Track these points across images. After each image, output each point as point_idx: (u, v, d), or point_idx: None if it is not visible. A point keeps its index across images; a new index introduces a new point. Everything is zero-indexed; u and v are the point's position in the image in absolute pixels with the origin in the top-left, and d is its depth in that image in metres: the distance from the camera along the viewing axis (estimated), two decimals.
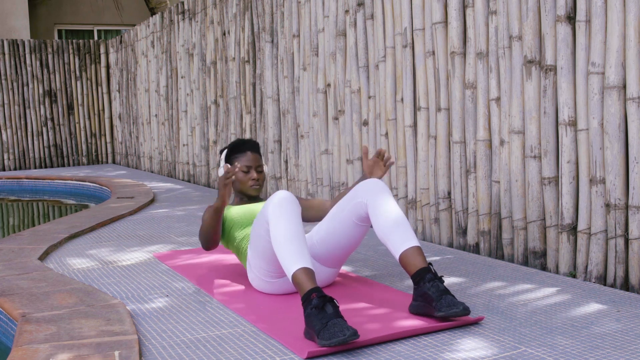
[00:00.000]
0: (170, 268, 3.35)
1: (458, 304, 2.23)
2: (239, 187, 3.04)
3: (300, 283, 2.24)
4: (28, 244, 3.92)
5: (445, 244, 3.76)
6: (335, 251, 2.72)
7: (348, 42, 4.47)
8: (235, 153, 3.04)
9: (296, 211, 2.44)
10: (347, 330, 2.02)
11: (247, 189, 3.02)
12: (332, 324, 2.05)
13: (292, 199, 2.48)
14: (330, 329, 2.04)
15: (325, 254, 2.73)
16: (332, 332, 2.03)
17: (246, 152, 3.03)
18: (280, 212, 2.42)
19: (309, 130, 5.03)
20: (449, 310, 2.22)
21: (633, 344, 2.07)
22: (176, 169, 8.07)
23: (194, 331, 2.34)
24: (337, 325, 2.04)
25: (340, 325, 2.04)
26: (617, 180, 2.78)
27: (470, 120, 3.52)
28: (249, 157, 3.02)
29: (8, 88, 10.06)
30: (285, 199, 2.47)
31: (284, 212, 2.42)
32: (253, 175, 3.01)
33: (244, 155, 3.02)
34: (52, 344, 2.14)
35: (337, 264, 2.80)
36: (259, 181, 3.03)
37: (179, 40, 7.65)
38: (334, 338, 2.01)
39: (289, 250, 2.32)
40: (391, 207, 2.52)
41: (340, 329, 2.02)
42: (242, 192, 3.05)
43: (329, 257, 2.74)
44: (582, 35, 2.89)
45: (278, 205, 2.44)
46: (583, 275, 2.94)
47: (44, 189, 8.28)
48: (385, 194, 2.55)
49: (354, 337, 2.02)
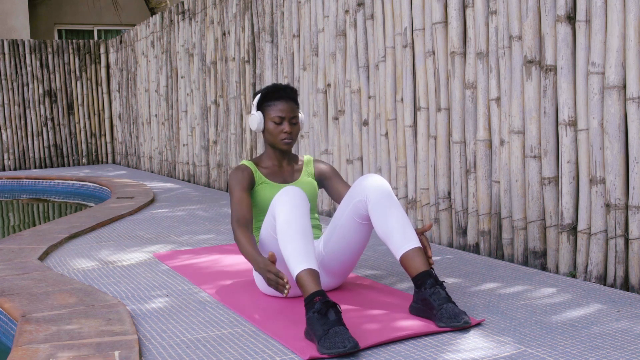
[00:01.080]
0: (170, 268, 3.35)
1: (459, 317, 2.22)
2: (270, 139, 2.78)
3: (304, 284, 2.22)
4: (28, 244, 3.92)
5: (445, 244, 3.76)
6: (345, 260, 2.64)
7: (348, 42, 4.47)
8: (269, 100, 2.76)
9: (305, 208, 2.39)
10: (347, 342, 2.01)
11: (277, 143, 2.76)
12: (334, 332, 2.04)
13: (301, 195, 2.41)
14: (331, 337, 2.03)
15: (335, 265, 2.66)
16: (333, 341, 2.02)
17: (280, 101, 2.74)
18: (288, 209, 2.37)
19: (309, 130, 5.03)
20: (450, 323, 2.22)
21: (633, 344, 2.07)
22: (176, 169, 8.07)
23: (194, 331, 2.33)
24: (339, 334, 2.03)
25: (342, 335, 2.03)
26: (617, 180, 2.78)
27: (470, 120, 3.52)
28: (283, 107, 2.73)
29: (8, 88, 10.06)
30: (294, 195, 2.40)
31: (291, 209, 2.37)
32: (285, 128, 2.73)
33: (277, 104, 2.74)
34: (52, 344, 2.14)
35: (346, 273, 2.74)
36: (292, 135, 2.75)
37: (179, 40, 7.65)
38: (334, 349, 2.00)
39: (294, 249, 2.29)
40: (392, 204, 2.46)
41: (342, 340, 2.01)
42: (272, 145, 2.79)
43: (339, 268, 2.67)
44: (582, 35, 2.89)
45: (286, 201, 2.39)
46: (583, 275, 2.94)
47: (44, 189, 8.28)
48: (385, 191, 2.48)
49: (355, 349, 2.01)
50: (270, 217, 2.47)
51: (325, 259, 2.64)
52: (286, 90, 2.76)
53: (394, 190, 4.13)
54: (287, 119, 2.73)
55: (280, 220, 2.37)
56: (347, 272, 2.74)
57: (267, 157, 2.85)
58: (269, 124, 2.75)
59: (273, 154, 2.84)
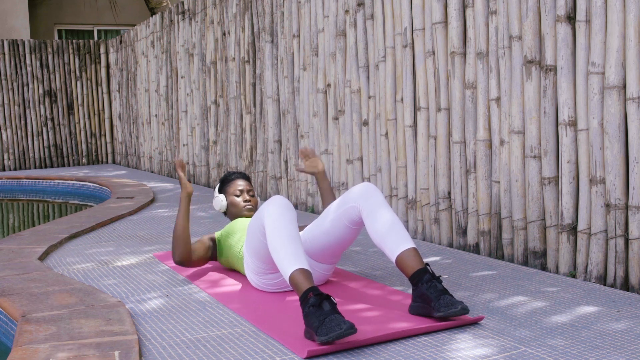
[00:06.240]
0: (170, 268, 3.35)
1: (456, 304, 2.24)
2: (234, 212, 3.21)
3: (297, 284, 2.25)
4: (28, 244, 3.92)
5: (445, 244, 3.76)
6: (327, 249, 2.74)
7: (348, 42, 4.47)
8: (227, 182, 3.28)
9: (292, 215, 2.47)
10: (343, 324, 2.03)
11: (241, 211, 3.19)
12: (330, 319, 2.07)
13: (287, 203, 2.50)
14: (327, 324, 2.05)
15: (317, 251, 2.75)
16: (329, 327, 2.04)
17: (236, 180, 3.27)
18: (276, 215, 2.44)
19: (309, 130, 5.03)
20: (448, 310, 2.23)
21: (633, 344, 2.07)
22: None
23: (194, 331, 2.34)
24: (334, 320, 2.06)
25: (337, 320, 2.06)
26: (617, 180, 2.78)
27: (470, 120, 3.52)
28: (239, 182, 3.27)
29: (8, 88, 10.06)
30: (281, 203, 2.49)
31: (279, 215, 2.44)
32: (245, 197, 3.22)
33: (234, 182, 3.26)
34: (52, 344, 2.14)
35: (330, 260, 2.81)
36: (252, 202, 3.21)
37: (179, 40, 7.65)
38: (331, 332, 2.02)
39: (285, 253, 2.34)
40: (385, 210, 2.54)
41: (337, 323, 2.04)
42: (237, 216, 3.20)
43: (321, 254, 2.76)
44: (582, 35, 2.89)
45: (274, 208, 2.47)
46: (583, 275, 2.94)
47: (44, 189, 8.28)
48: (378, 198, 2.58)
49: (351, 330, 2.03)
50: (259, 223, 2.54)
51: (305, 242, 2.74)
52: (239, 172, 3.32)
53: (394, 190, 4.13)
54: (245, 190, 3.25)
55: (269, 226, 2.43)
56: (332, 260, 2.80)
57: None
58: (232, 199, 3.23)
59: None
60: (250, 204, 3.21)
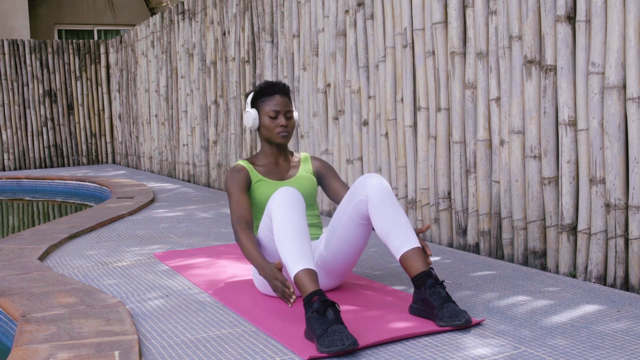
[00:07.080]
0: (170, 268, 3.35)
1: (460, 315, 2.22)
2: (266, 134, 2.79)
3: (302, 284, 2.22)
4: (28, 244, 3.92)
5: (445, 244, 3.76)
6: (346, 260, 2.64)
7: (348, 42, 4.47)
8: (263, 96, 2.77)
9: (301, 208, 2.39)
10: (346, 340, 2.01)
11: (274, 137, 2.77)
12: (333, 330, 2.04)
13: (297, 195, 2.42)
14: (330, 336, 2.03)
15: (336, 266, 2.65)
16: (331, 339, 2.02)
17: (274, 96, 2.76)
18: (284, 209, 2.37)
19: (309, 130, 5.03)
20: (452, 322, 2.21)
21: (633, 344, 2.07)
22: (176, 169, 8.06)
23: (194, 331, 2.33)
24: (337, 332, 2.03)
25: (340, 333, 2.03)
26: (617, 180, 2.78)
27: (470, 120, 3.52)
28: (277, 101, 2.75)
29: (8, 88, 10.06)
30: (290, 196, 2.40)
31: (287, 209, 2.37)
32: (281, 122, 2.74)
33: (271, 99, 2.75)
34: (52, 344, 2.14)
35: (346, 273, 2.75)
36: (288, 128, 2.76)
37: (179, 40, 7.65)
38: (333, 347, 2.00)
39: (291, 250, 2.29)
40: (392, 204, 2.46)
41: (340, 338, 2.01)
42: (269, 140, 2.80)
43: (340, 268, 2.67)
44: (582, 35, 2.89)
45: (282, 202, 2.39)
46: (583, 275, 2.94)
47: (44, 189, 8.28)
48: (386, 190, 2.48)
49: (353, 346, 2.01)
50: (267, 218, 2.48)
51: (327, 259, 2.63)
52: (279, 85, 2.78)
53: (394, 190, 4.13)
54: (282, 112, 2.75)
55: (277, 221, 2.37)
56: (347, 272, 2.74)
57: (263, 155, 2.86)
58: (265, 119, 2.76)
59: (269, 151, 2.85)
60: (285, 130, 2.75)
